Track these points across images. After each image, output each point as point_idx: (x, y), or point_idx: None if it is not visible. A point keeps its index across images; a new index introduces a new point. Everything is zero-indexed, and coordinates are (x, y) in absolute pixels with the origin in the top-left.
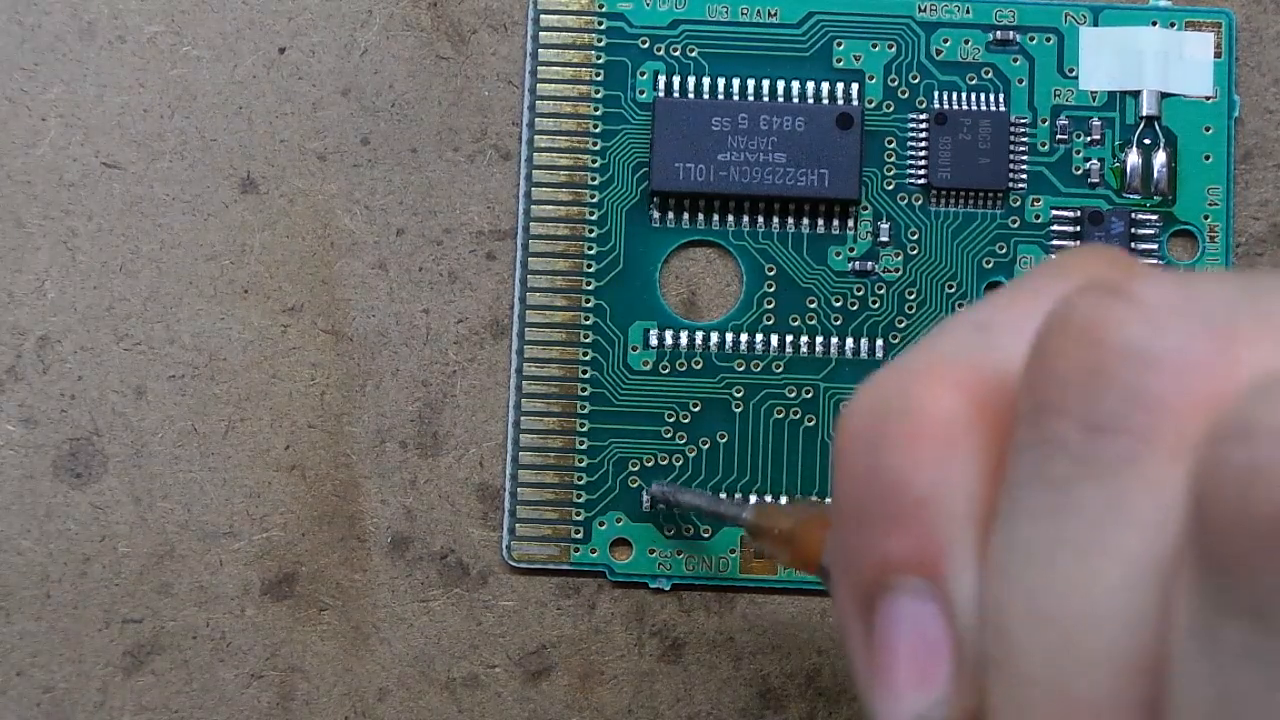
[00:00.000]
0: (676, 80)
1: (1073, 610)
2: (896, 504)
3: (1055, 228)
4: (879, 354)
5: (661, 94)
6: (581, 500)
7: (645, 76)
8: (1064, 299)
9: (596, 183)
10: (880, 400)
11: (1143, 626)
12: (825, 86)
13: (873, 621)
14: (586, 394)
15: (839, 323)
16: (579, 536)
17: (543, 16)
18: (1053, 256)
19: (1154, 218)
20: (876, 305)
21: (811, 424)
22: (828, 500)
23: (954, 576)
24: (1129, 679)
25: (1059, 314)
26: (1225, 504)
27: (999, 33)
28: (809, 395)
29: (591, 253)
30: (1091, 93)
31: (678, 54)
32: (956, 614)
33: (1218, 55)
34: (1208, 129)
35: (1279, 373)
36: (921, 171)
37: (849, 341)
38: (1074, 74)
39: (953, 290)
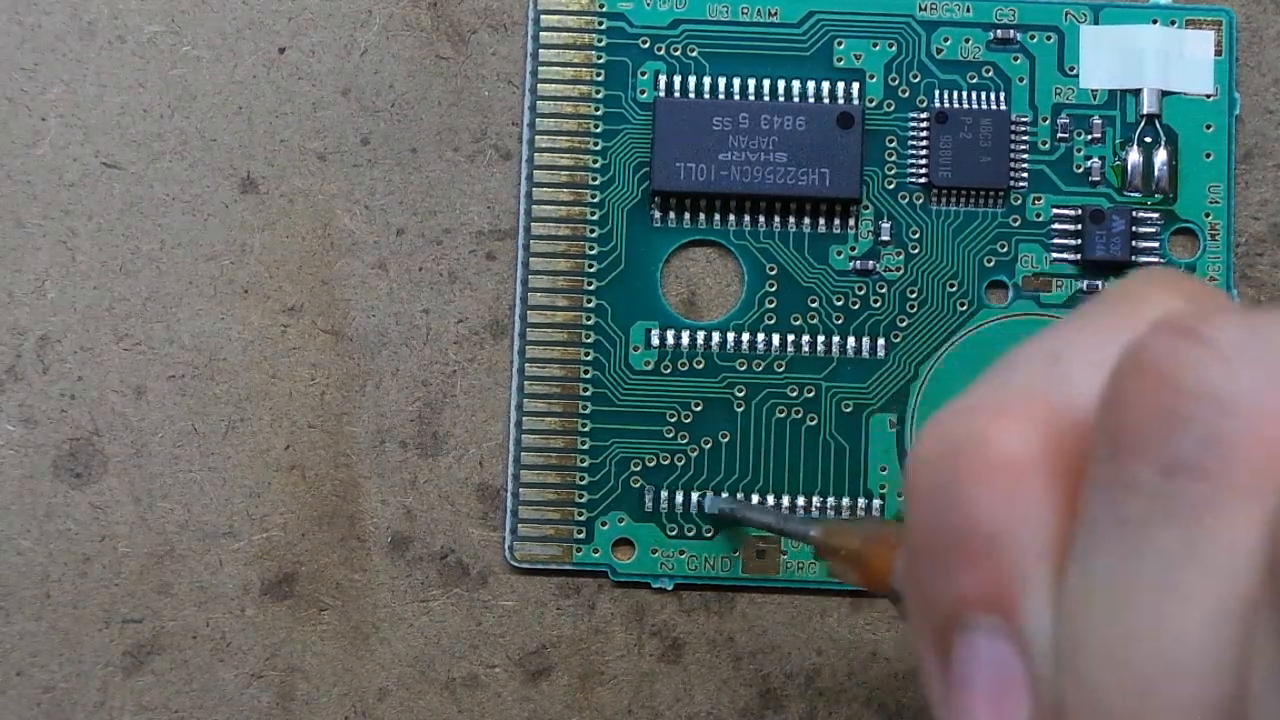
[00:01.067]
0: (677, 80)
1: (1151, 653)
2: (969, 542)
3: (1056, 226)
4: (880, 353)
5: (662, 94)
6: (584, 500)
7: (646, 76)
8: (1137, 339)
9: (597, 183)
10: (951, 436)
11: (1222, 669)
12: (826, 86)
13: (949, 656)
14: (588, 394)
15: (840, 322)
16: (581, 536)
17: (543, 16)
18: (1122, 280)
19: (1155, 216)
20: (878, 304)
21: (813, 423)
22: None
23: (1029, 616)
24: None
25: (1133, 355)
26: None
27: (999, 31)
28: (810, 395)
29: (592, 253)
30: (1092, 91)
31: (678, 54)
32: (1033, 653)
33: (1218, 53)
34: (1208, 127)
35: None
36: (922, 170)
37: (850, 341)
38: (1074, 72)
39: (954, 289)
